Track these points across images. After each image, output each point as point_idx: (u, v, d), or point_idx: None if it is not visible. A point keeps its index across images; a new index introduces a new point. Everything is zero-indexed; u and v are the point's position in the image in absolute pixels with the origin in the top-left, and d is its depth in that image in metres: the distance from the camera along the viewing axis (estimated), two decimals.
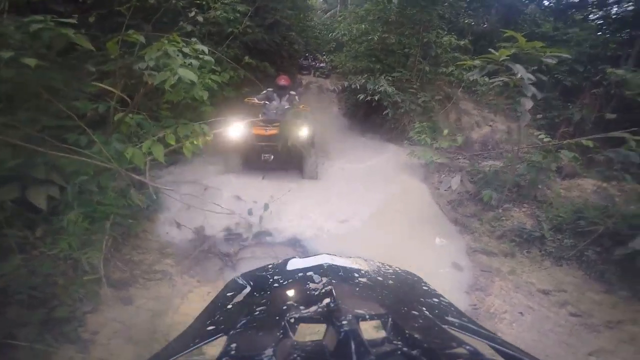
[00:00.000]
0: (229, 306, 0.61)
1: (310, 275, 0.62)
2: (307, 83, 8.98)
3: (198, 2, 4.53)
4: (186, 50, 2.70)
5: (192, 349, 0.48)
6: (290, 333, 0.46)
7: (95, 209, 2.37)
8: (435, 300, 0.65)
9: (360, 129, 6.24)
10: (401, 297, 0.62)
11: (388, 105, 5.43)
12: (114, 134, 2.59)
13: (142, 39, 2.52)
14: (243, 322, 0.51)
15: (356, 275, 0.65)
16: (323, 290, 0.55)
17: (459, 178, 3.31)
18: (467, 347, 0.42)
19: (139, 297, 2.29)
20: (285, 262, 0.71)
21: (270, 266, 0.72)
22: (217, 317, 0.58)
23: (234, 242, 3.10)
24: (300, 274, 0.64)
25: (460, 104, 5.76)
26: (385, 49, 6.33)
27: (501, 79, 3.33)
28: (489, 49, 3.52)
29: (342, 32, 6.84)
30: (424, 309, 0.57)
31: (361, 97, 5.46)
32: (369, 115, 6.10)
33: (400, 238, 3.19)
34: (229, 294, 0.66)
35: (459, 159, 4.55)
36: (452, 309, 0.64)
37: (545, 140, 3.64)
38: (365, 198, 3.83)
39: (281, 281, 0.64)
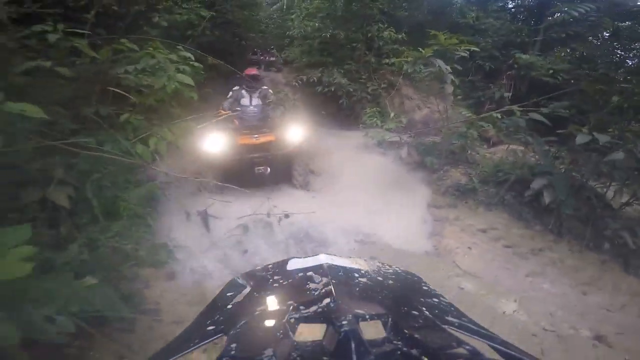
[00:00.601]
0: (229, 306, 0.63)
1: (310, 275, 0.64)
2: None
3: (159, 7, 4.89)
4: (172, 56, 3.21)
5: (192, 349, 0.51)
6: (290, 333, 0.47)
7: (115, 202, 2.80)
8: (435, 300, 0.67)
9: (319, 120, 6.96)
10: (401, 297, 0.64)
11: (342, 95, 6.27)
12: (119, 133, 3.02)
13: (135, 47, 3.00)
14: (243, 322, 0.53)
15: (356, 275, 0.67)
16: (323, 290, 0.57)
17: (406, 150, 4.24)
18: (467, 347, 0.44)
19: (177, 273, 2.72)
20: (285, 262, 0.74)
21: (270, 266, 0.75)
22: (217, 317, 0.60)
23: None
24: (300, 274, 0.66)
25: (402, 90, 6.80)
26: (336, 44, 7.15)
27: (430, 69, 4.29)
28: (422, 39, 4.45)
29: (298, 30, 7.50)
30: (424, 309, 0.58)
31: (319, 89, 6.23)
32: (325, 105, 6.88)
33: (373, 200, 4.00)
34: (229, 294, 0.68)
35: (407, 136, 5.53)
36: (452, 309, 0.65)
37: (467, 115, 4.74)
38: (341, 175, 4.56)
39: (281, 281, 0.66)
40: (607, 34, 8.11)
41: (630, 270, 3.49)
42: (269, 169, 3.80)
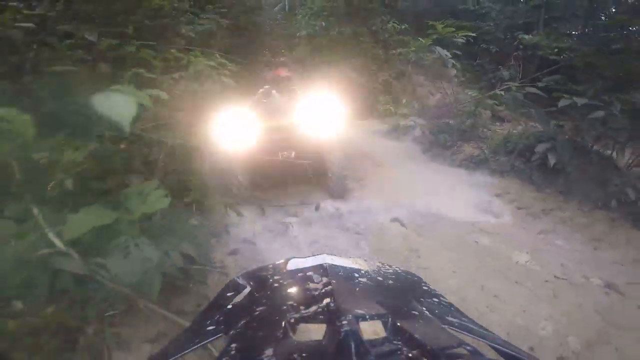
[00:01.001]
0: (229, 306, 0.65)
1: (310, 275, 0.65)
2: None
3: (182, 18, 5.60)
4: (211, 63, 3.87)
5: (192, 349, 0.53)
6: (290, 333, 0.49)
7: (178, 185, 3.46)
8: (435, 300, 0.70)
9: None
10: (401, 297, 0.66)
11: (355, 88, 6.89)
12: None
13: (181, 55, 3.68)
14: (243, 322, 0.55)
15: (356, 275, 0.69)
16: (323, 290, 0.59)
17: (419, 130, 4.87)
18: (467, 347, 0.45)
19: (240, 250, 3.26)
20: (285, 262, 0.75)
21: (270, 266, 0.76)
22: (217, 317, 0.62)
23: None
24: (300, 274, 0.68)
25: (412, 78, 7.42)
26: (343, 40, 7.79)
27: (435, 56, 4.93)
28: (425, 28, 5.07)
29: (305, 30, 8.19)
30: (424, 309, 0.60)
31: (332, 85, 6.87)
32: (339, 99, 7.50)
33: (402, 179, 4.60)
34: (229, 294, 0.70)
35: (421, 119, 6.15)
36: (452, 309, 0.68)
37: (474, 96, 5.37)
38: (366, 158, 5.07)
39: (281, 281, 0.68)
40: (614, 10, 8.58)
41: (638, 226, 3.91)
42: (293, 153, 3.81)
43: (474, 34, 5.42)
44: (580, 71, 4.82)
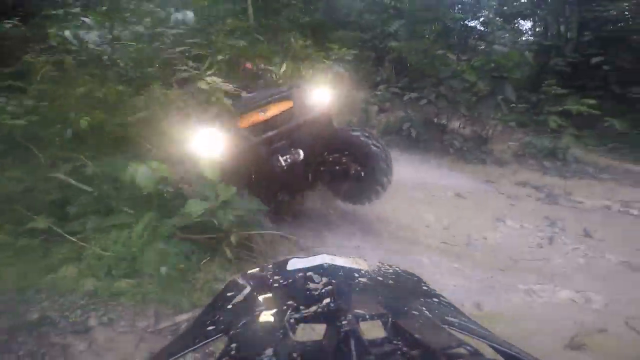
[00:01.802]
0: (229, 306, 0.67)
1: (310, 275, 0.68)
2: None
3: None
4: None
5: (192, 349, 0.55)
6: (290, 333, 0.51)
7: None
8: (435, 300, 0.71)
9: None
10: (401, 297, 0.68)
11: None
12: None
13: None
14: (243, 322, 0.57)
15: (356, 275, 0.71)
16: (323, 290, 0.61)
17: None
18: (467, 347, 0.46)
19: None
20: (285, 262, 0.77)
21: (270, 266, 0.79)
22: (217, 317, 0.64)
23: None
24: (300, 274, 0.70)
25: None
26: (259, 56, 9.91)
27: (334, 71, 7.62)
28: (325, 38, 7.74)
29: (224, 52, 10.11)
30: (424, 309, 0.62)
31: None
32: None
33: None
34: (229, 294, 0.72)
35: None
36: (452, 309, 0.69)
37: (362, 97, 8.25)
38: None
39: (281, 281, 0.70)
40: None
41: (467, 161, 7.15)
42: (301, 153, 3.02)
43: (356, 52, 8.27)
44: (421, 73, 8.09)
